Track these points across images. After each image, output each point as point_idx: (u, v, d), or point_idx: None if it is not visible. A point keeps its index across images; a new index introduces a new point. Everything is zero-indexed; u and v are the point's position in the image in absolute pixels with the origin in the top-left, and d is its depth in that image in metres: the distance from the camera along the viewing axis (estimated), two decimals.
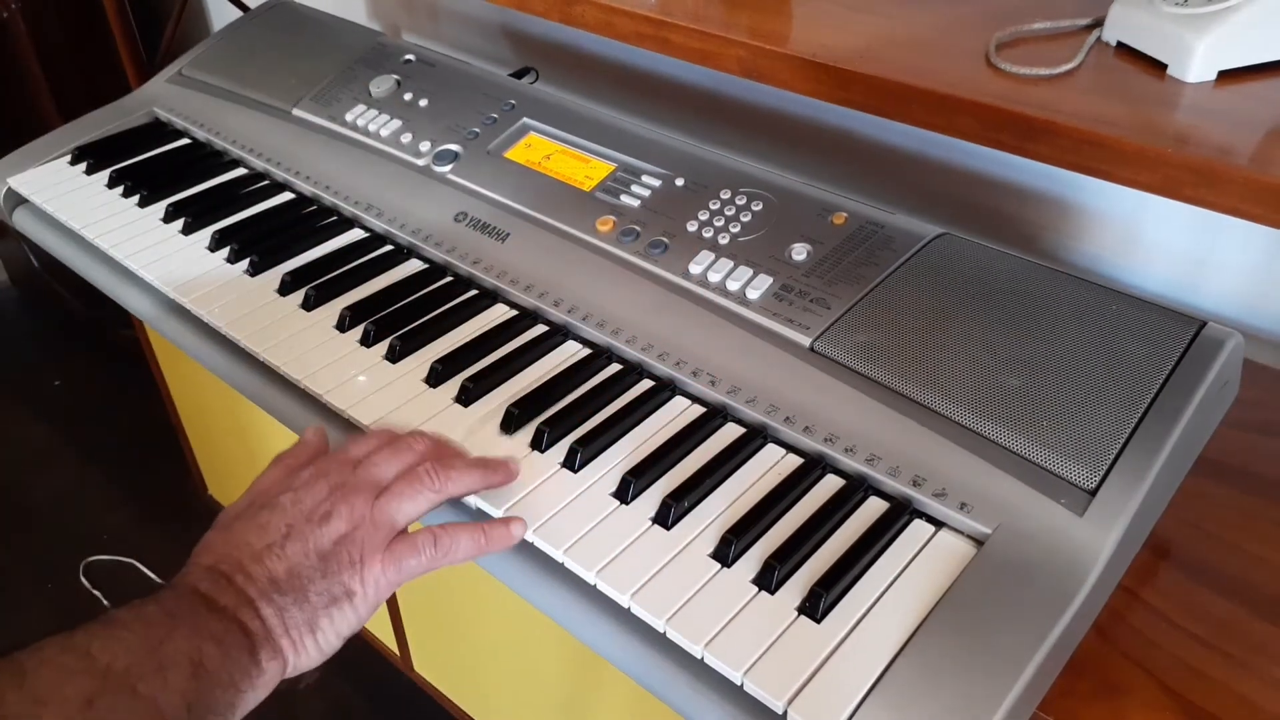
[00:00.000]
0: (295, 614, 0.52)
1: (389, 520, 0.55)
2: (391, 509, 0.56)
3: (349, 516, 0.54)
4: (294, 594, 0.52)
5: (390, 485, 0.56)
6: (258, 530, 0.54)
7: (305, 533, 0.53)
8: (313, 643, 0.53)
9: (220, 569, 0.52)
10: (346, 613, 0.53)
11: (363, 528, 0.54)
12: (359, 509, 0.55)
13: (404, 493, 0.56)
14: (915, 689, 0.48)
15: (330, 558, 0.53)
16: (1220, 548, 0.61)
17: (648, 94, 1.16)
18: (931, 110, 0.69)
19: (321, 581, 0.52)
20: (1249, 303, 0.81)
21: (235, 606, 0.51)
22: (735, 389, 0.65)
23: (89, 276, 0.89)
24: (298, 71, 1.02)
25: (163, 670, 0.46)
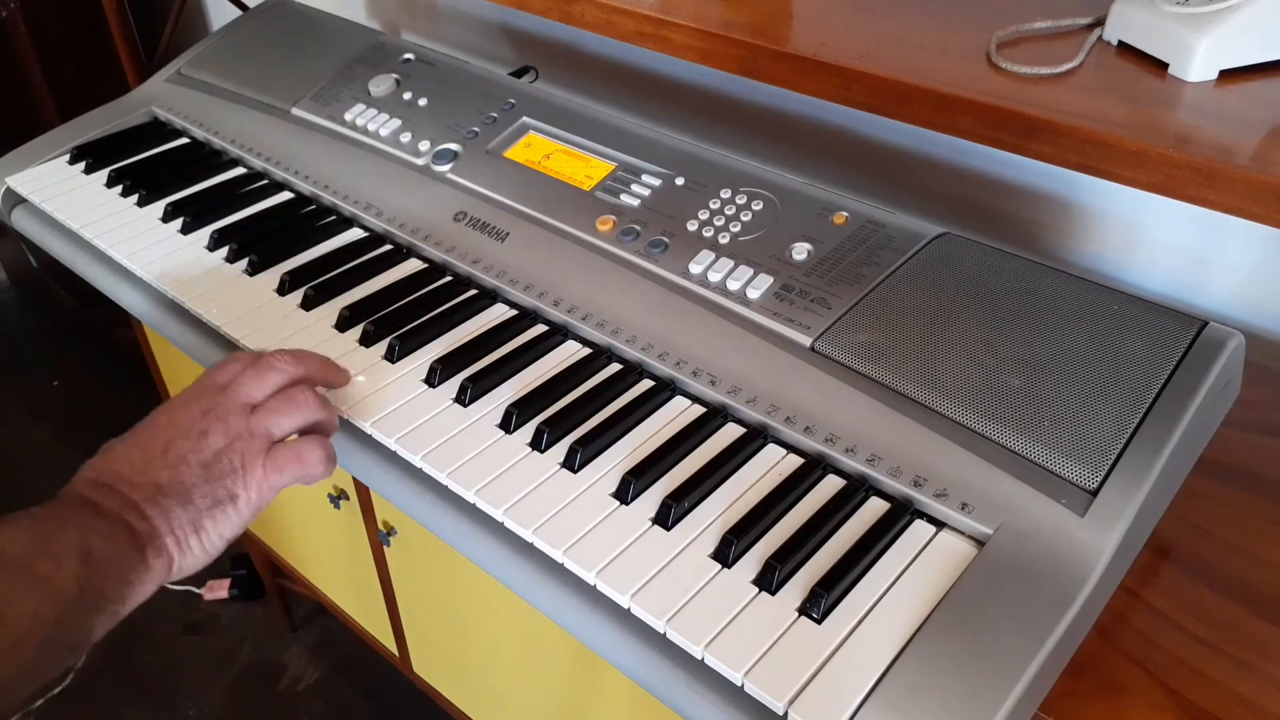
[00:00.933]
0: (179, 514, 0.55)
1: (265, 432, 0.59)
2: (268, 423, 0.59)
3: (224, 432, 0.58)
4: (177, 497, 0.55)
5: (264, 402, 0.60)
6: (138, 449, 0.57)
7: (183, 447, 0.57)
8: (197, 542, 0.56)
9: (103, 481, 0.55)
10: (230, 514, 0.57)
11: (241, 439, 0.58)
12: (234, 425, 0.58)
13: (278, 409, 0.60)
14: (916, 690, 0.48)
15: (212, 465, 0.57)
16: (1221, 548, 0.61)
17: (648, 93, 1.16)
18: (932, 109, 0.69)
19: (205, 486, 0.56)
20: (1250, 302, 0.80)
21: (120, 509, 0.54)
22: (735, 389, 0.65)
23: (88, 276, 0.89)
24: (297, 71, 1.02)
25: (55, 558, 0.50)
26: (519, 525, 0.58)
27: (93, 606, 0.51)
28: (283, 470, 0.59)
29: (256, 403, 0.60)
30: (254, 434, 0.59)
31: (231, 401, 0.59)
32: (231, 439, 0.58)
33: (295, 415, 0.61)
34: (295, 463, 0.59)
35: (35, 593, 0.48)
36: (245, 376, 0.61)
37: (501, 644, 0.91)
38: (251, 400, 0.60)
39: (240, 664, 1.52)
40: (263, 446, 0.59)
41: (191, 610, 1.56)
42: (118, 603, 0.52)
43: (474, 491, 0.61)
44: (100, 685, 1.45)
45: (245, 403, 0.60)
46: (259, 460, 0.58)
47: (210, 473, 0.57)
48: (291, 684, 1.50)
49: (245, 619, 1.58)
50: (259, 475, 0.58)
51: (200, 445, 0.57)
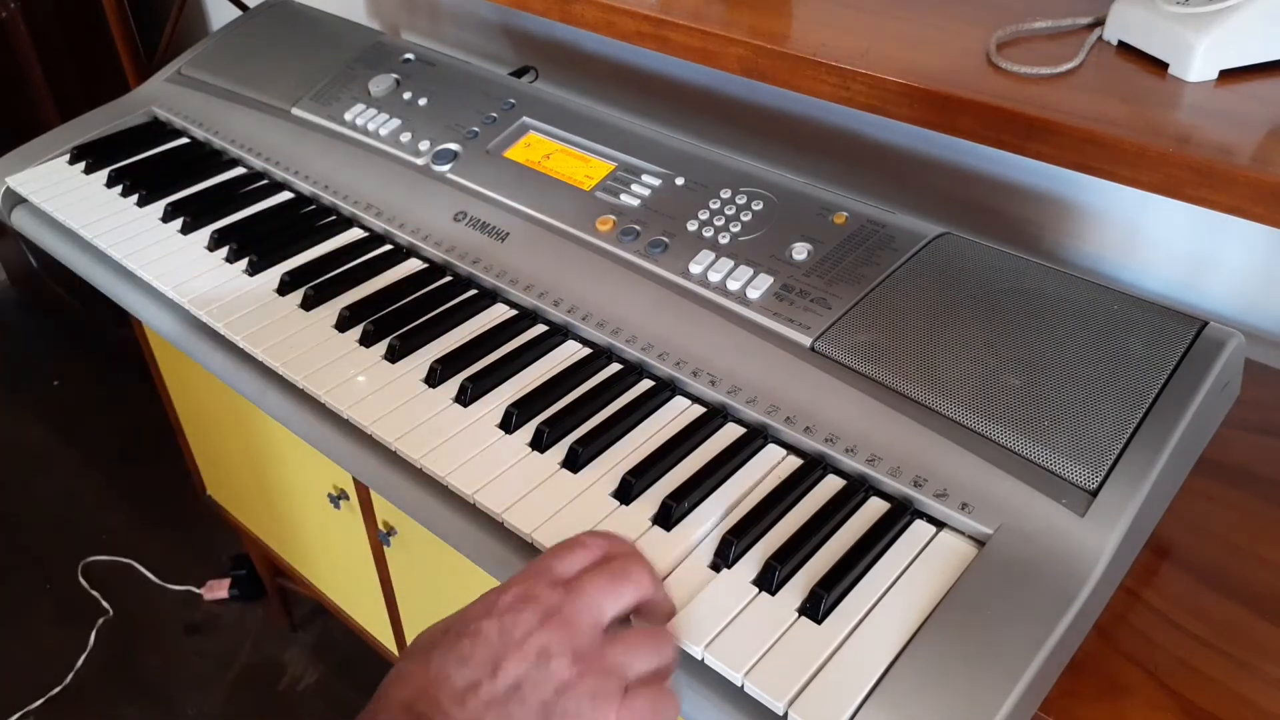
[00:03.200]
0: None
1: (620, 671, 0.45)
2: (624, 660, 0.45)
3: (574, 657, 0.44)
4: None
5: (621, 632, 0.46)
6: (458, 662, 0.44)
7: (519, 672, 0.43)
8: None
9: (418, 709, 0.43)
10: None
11: (591, 675, 0.44)
12: (584, 649, 0.44)
13: (640, 645, 0.46)
14: (916, 690, 0.48)
15: (552, 708, 0.43)
16: (1222, 548, 0.61)
17: (648, 93, 1.16)
18: (932, 109, 0.69)
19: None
20: (1250, 302, 0.80)
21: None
22: (735, 389, 0.65)
23: (87, 276, 0.89)
24: (297, 71, 1.02)
25: None
26: (519, 525, 0.58)
27: None
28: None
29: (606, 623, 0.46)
30: (610, 672, 0.44)
31: (581, 614, 0.45)
32: (580, 671, 0.43)
33: (657, 654, 0.47)
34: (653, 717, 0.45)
35: None
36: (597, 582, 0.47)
37: None
38: (603, 619, 0.46)
39: (240, 664, 1.52)
40: (618, 690, 0.44)
41: (191, 610, 1.57)
42: None
43: (474, 491, 0.61)
44: (100, 685, 1.45)
45: (598, 620, 0.45)
46: (612, 709, 0.43)
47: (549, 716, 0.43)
48: (291, 684, 1.50)
49: (245, 619, 1.58)
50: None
51: (541, 673, 0.43)
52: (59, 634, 1.52)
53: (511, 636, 0.44)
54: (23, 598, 1.59)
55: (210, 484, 1.42)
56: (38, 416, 1.93)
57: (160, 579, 1.59)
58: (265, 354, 0.73)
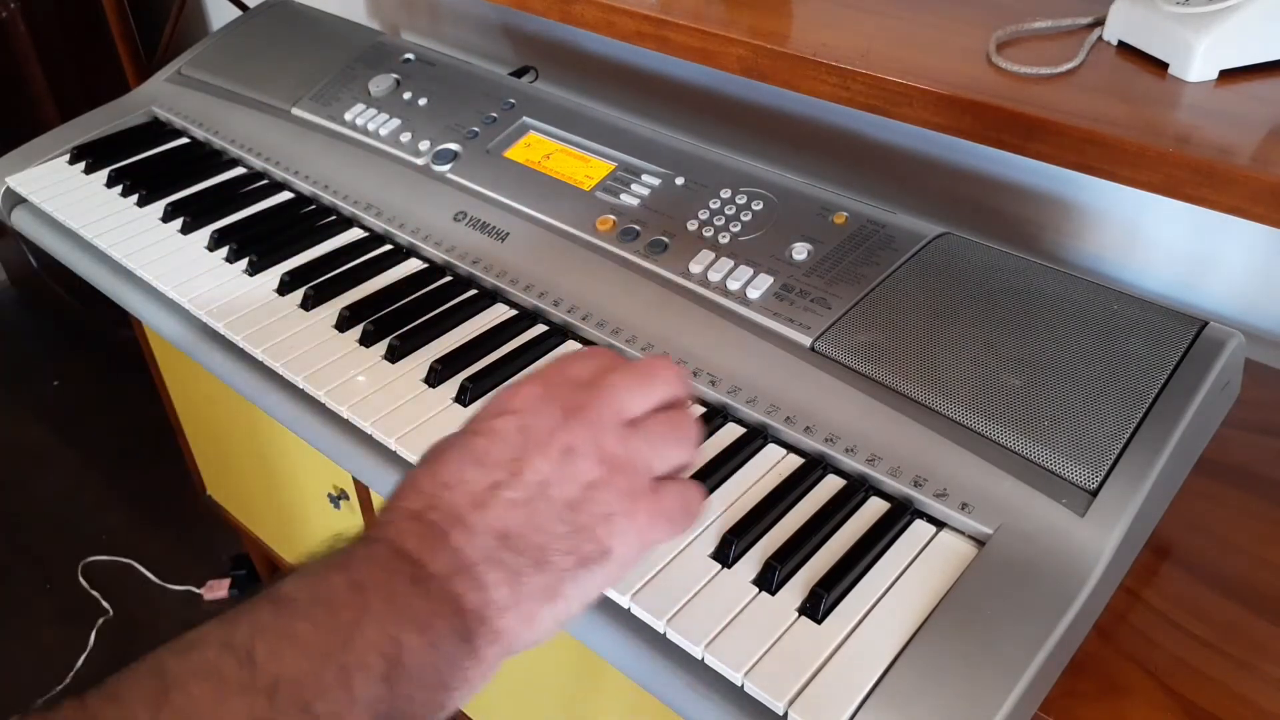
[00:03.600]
0: (532, 580, 0.39)
1: (647, 466, 0.42)
2: (649, 452, 0.42)
3: (599, 453, 0.41)
4: (532, 554, 0.39)
5: (645, 423, 0.43)
6: (475, 463, 0.40)
7: (542, 469, 0.40)
8: (550, 616, 0.39)
9: (430, 518, 0.39)
10: (597, 577, 0.40)
11: (619, 472, 0.41)
12: (610, 445, 0.41)
13: (665, 435, 0.43)
14: (916, 690, 0.48)
15: (581, 507, 0.40)
16: (1222, 548, 0.61)
17: (648, 93, 1.16)
18: (932, 109, 0.69)
19: (569, 536, 0.39)
20: (1250, 302, 0.80)
21: (449, 574, 0.38)
22: (735, 389, 0.65)
23: (87, 276, 0.89)
24: (297, 71, 1.02)
25: (347, 677, 0.35)
26: None
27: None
28: (670, 522, 0.42)
29: (634, 419, 0.43)
30: (636, 467, 0.42)
31: (605, 410, 0.42)
32: (609, 468, 0.41)
33: (681, 449, 0.44)
34: (682, 514, 0.43)
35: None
36: (623, 378, 0.44)
37: None
38: (629, 415, 0.43)
39: None
40: (646, 485, 0.42)
41: (191, 610, 1.56)
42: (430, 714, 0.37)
43: None
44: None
45: (623, 416, 0.43)
46: (642, 504, 0.41)
47: (578, 517, 0.40)
48: None
49: None
50: (640, 525, 0.41)
51: (565, 471, 0.40)
52: (59, 634, 1.52)
53: (533, 434, 0.41)
54: (23, 598, 1.59)
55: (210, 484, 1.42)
56: (38, 416, 1.93)
57: (160, 579, 1.59)
58: (265, 354, 0.73)
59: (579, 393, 0.43)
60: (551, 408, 0.42)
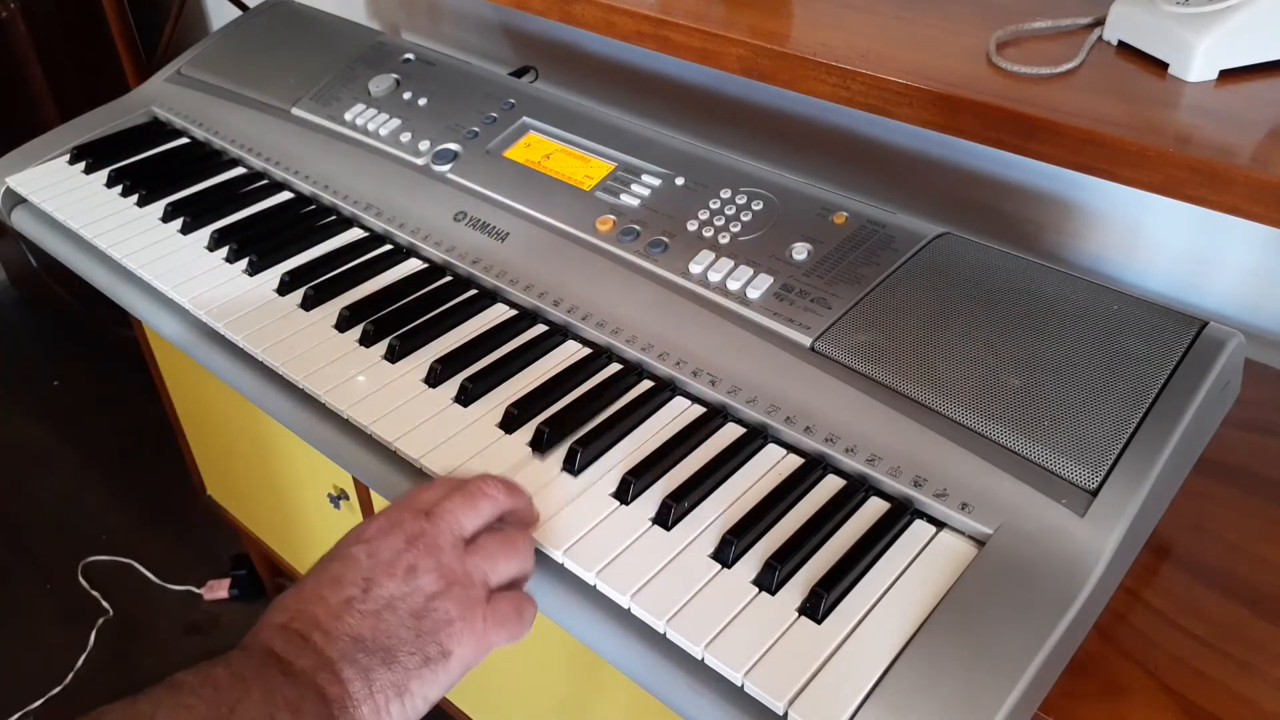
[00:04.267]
0: (382, 676, 0.46)
1: (483, 578, 0.50)
2: (487, 568, 0.51)
3: (437, 571, 0.49)
4: (381, 655, 0.46)
5: (480, 541, 0.52)
6: (331, 584, 0.48)
7: (388, 589, 0.48)
8: (399, 710, 0.46)
9: (294, 627, 0.46)
10: (439, 676, 0.48)
11: (458, 584, 0.49)
12: (448, 564, 0.49)
13: (498, 553, 0.52)
14: (916, 690, 0.48)
15: (424, 615, 0.48)
16: (1221, 548, 0.61)
17: (648, 93, 1.16)
18: (932, 109, 0.69)
19: (415, 641, 0.47)
20: (1250, 302, 0.80)
21: (313, 669, 0.45)
22: (735, 389, 0.65)
23: (87, 276, 0.89)
24: (297, 71, 1.02)
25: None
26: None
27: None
28: (503, 626, 0.50)
29: (468, 537, 0.52)
30: (473, 581, 0.50)
31: (443, 534, 0.50)
32: (447, 583, 0.49)
33: (513, 563, 0.52)
34: (516, 620, 0.51)
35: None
36: (455, 504, 0.52)
37: None
38: (464, 534, 0.51)
39: None
40: (482, 596, 0.50)
41: (191, 610, 1.56)
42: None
43: None
44: (100, 685, 1.45)
45: (458, 536, 0.51)
46: (479, 612, 0.49)
47: (421, 625, 0.47)
48: None
49: (245, 619, 1.58)
50: (478, 630, 0.49)
51: (410, 587, 0.48)
52: (59, 634, 1.52)
53: (380, 558, 0.49)
54: (23, 598, 1.59)
55: (210, 484, 1.42)
56: (38, 416, 1.93)
57: (160, 579, 1.59)
58: (265, 354, 0.73)
59: (420, 520, 0.51)
60: (396, 535, 0.50)
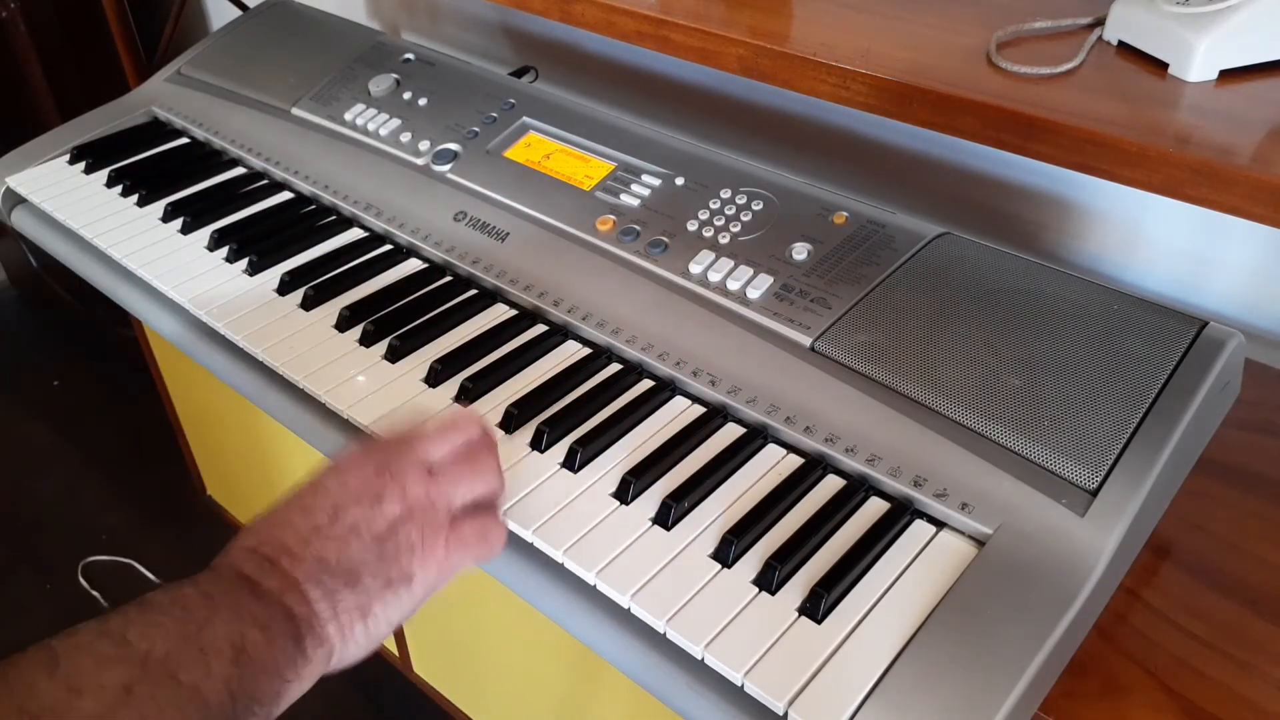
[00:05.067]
0: (347, 598, 0.48)
1: (446, 501, 0.52)
2: (451, 491, 0.52)
3: (402, 498, 0.50)
4: (345, 577, 0.48)
5: (444, 467, 0.53)
6: (301, 512, 0.49)
7: (354, 515, 0.49)
8: (363, 630, 0.49)
9: (262, 551, 0.48)
10: (403, 598, 0.49)
11: (420, 510, 0.50)
12: (413, 491, 0.51)
13: (462, 474, 0.53)
14: (916, 690, 0.48)
15: (387, 539, 0.49)
16: (1221, 548, 0.61)
17: (648, 93, 1.16)
18: (932, 109, 0.69)
19: (377, 564, 0.49)
20: (1250, 302, 0.80)
21: (280, 590, 0.47)
22: (735, 389, 0.65)
23: (87, 276, 0.89)
24: (297, 71, 1.02)
25: (204, 656, 0.43)
26: (519, 525, 0.58)
27: (244, 713, 0.43)
28: (466, 548, 0.52)
29: (435, 464, 0.53)
30: (435, 504, 0.51)
31: (409, 461, 0.52)
32: (410, 508, 0.50)
33: (478, 483, 0.54)
34: (479, 542, 0.52)
35: (179, 708, 0.41)
36: (423, 435, 0.54)
37: (501, 644, 0.91)
38: (430, 460, 0.53)
39: None
40: (445, 520, 0.51)
41: None
42: (272, 704, 0.45)
43: None
44: None
45: (424, 463, 0.52)
46: (440, 536, 0.51)
47: (384, 548, 0.49)
48: None
49: None
50: (439, 554, 0.50)
51: (374, 514, 0.49)
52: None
53: (349, 487, 0.50)
54: (23, 598, 1.59)
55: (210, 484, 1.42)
56: (38, 416, 1.93)
57: (161, 579, 1.59)
58: (265, 354, 0.73)
59: (388, 451, 0.52)
60: (365, 466, 0.51)
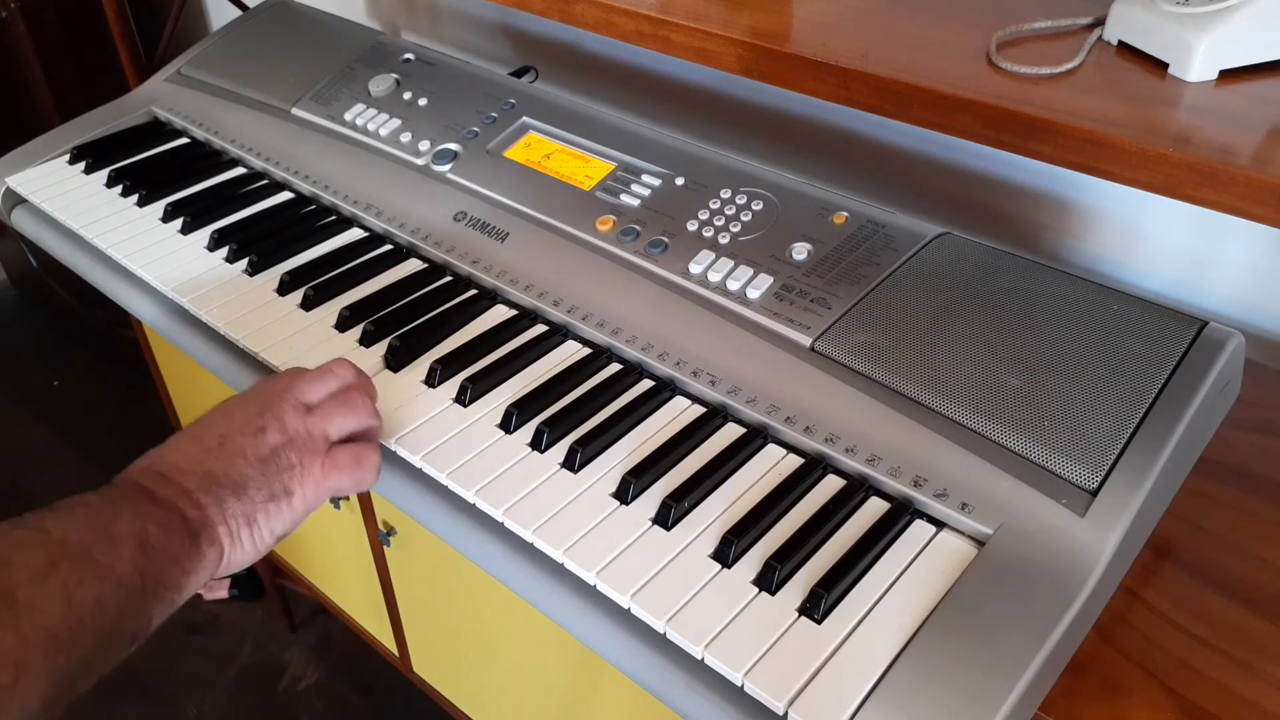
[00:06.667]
0: (234, 506, 0.54)
1: (322, 433, 0.59)
2: (326, 424, 0.59)
3: (281, 430, 0.58)
4: (232, 488, 0.55)
5: (320, 405, 0.60)
6: (192, 440, 0.57)
7: (240, 442, 0.56)
8: (249, 536, 0.55)
9: (156, 469, 0.55)
10: (284, 510, 0.56)
11: (299, 439, 0.58)
12: (291, 424, 0.58)
13: (335, 410, 0.60)
14: (916, 690, 0.48)
15: (269, 460, 0.56)
16: (1221, 548, 0.61)
17: (648, 93, 1.16)
18: (932, 109, 0.69)
19: (260, 479, 0.56)
20: (1250, 302, 0.80)
21: (174, 497, 0.53)
22: (735, 389, 0.65)
23: (87, 276, 0.89)
24: (297, 71, 1.02)
25: (114, 544, 0.49)
26: (519, 525, 0.59)
27: (152, 593, 0.50)
28: (341, 471, 0.59)
29: (313, 404, 0.60)
30: (312, 434, 0.58)
31: (288, 402, 0.59)
32: (289, 437, 0.58)
33: (351, 418, 0.61)
34: (353, 466, 0.59)
35: (98, 580, 0.48)
36: (302, 380, 0.61)
37: (501, 644, 0.91)
38: (308, 401, 0.60)
39: (240, 664, 1.52)
40: (321, 447, 0.59)
41: (191, 610, 1.57)
42: (175, 591, 0.52)
43: (474, 491, 0.61)
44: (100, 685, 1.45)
45: (302, 403, 0.60)
46: (317, 460, 0.58)
47: (267, 468, 0.56)
48: (291, 684, 1.50)
49: (245, 619, 1.58)
50: (316, 475, 0.58)
51: (257, 441, 0.57)
52: None
53: (234, 421, 0.57)
54: None
55: None
56: (38, 416, 1.93)
57: None
58: (265, 354, 0.73)
59: (270, 393, 0.60)
60: (250, 405, 0.59)
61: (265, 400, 0.59)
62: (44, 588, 0.46)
